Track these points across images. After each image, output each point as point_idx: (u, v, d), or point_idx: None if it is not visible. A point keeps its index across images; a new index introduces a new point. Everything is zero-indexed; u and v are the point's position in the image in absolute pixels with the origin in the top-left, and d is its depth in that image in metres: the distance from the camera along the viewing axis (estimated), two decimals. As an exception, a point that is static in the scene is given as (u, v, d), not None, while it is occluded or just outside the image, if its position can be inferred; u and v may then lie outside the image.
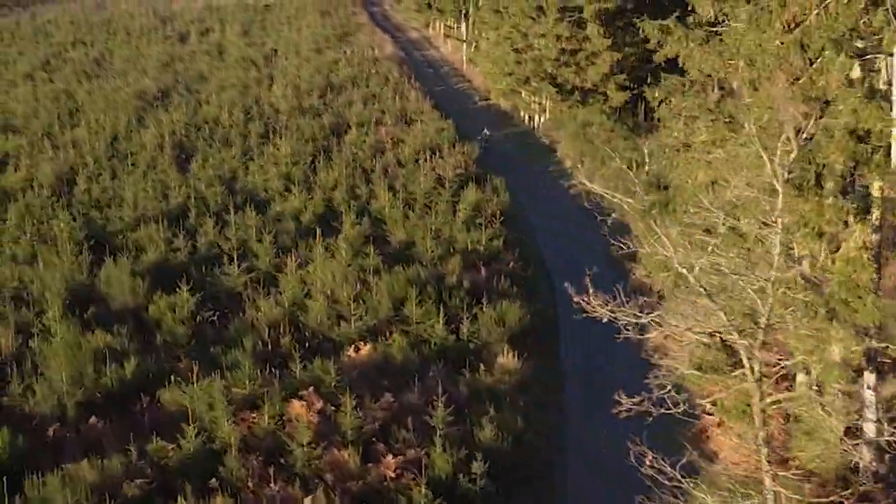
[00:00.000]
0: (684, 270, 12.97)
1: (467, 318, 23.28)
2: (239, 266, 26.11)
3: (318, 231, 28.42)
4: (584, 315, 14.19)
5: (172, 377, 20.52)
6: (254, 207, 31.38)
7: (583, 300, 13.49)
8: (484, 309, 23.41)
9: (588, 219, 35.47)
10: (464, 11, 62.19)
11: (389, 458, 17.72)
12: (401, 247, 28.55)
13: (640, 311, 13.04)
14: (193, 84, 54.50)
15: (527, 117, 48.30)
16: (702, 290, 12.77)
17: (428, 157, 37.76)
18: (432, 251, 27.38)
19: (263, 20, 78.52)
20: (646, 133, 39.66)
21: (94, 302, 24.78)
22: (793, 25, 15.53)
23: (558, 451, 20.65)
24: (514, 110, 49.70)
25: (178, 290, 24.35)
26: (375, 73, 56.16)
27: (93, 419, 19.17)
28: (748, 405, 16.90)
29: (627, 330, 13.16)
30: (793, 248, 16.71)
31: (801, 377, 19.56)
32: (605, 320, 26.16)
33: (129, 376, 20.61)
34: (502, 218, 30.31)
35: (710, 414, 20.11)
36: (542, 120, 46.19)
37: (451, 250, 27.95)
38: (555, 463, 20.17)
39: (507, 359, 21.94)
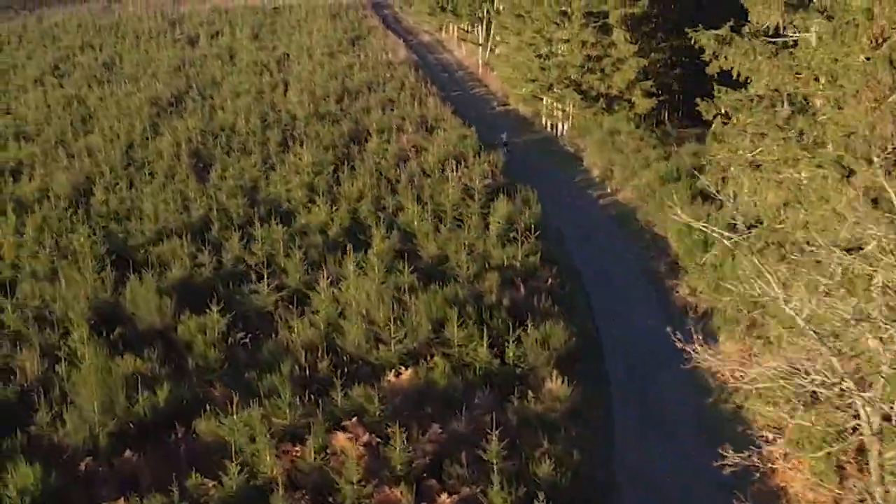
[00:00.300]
0: (793, 313, 12.00)
1: (511, 340, 22.29)
2: (268, 283, 25.13)
3: (349, 246, 27.47)
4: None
5: (207, 405, 19.57)
6: (278, 220, 30.43)
7: (691, 349, 12.50)
8: (528, 331, 22.39)
9: (619, 228, 34.60)
10: (480, 15, 61.26)
11: (444, 496, 16.75)
12: (433, 262, 27.57)
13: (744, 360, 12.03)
14: (207, 89, 53.54)
15: (549, 124, 47.32)
16: (813, 333, 11.81)
17: (454, 167, 36.80)
18: (467, 267, 26.39)
19: (273, 23, 77.56)
20: (675, 142, 38.71)
21: (119, 322, 23.83)
22: (880, 40, 14.54)
23: (613, 477, 19.78)
24: (535, 116, 48.70)
25: (207, 309, 23.39)
26: (391, 78, 55.18)
27: (127, 452, 18.20)
28: (824, 441, 15.98)
29: (734, 379, 12.15)
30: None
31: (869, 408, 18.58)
32: (648, 336, 25.20)
33: (163, 404, 19.65)
34: (537, 232, 29.24)
35: (772, 444, 19.14)
36: (565, 127, 45.19)
37: (487, 266, 26.99)
38: (611, 491, 19.27)
39: (555, 384, 20.96)
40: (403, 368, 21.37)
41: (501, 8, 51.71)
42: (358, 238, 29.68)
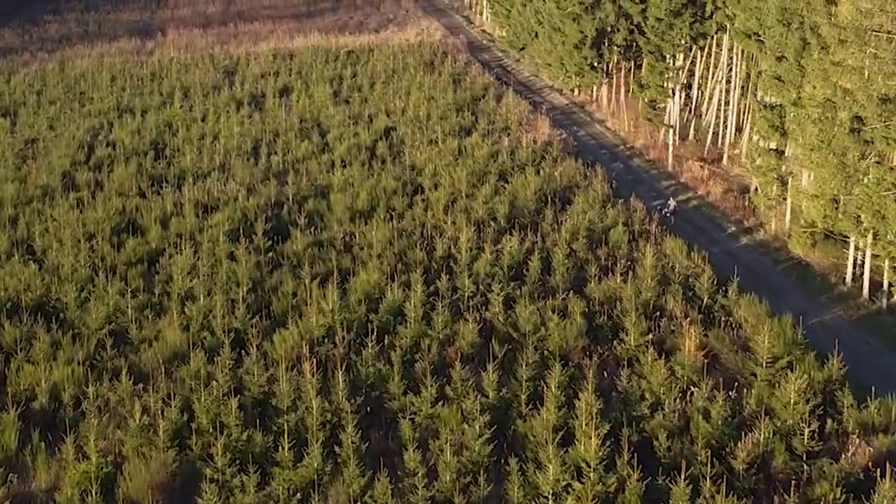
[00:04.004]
0: None
1: None
2: None
3: None
4: None
5: None
6: None
7: None
8: None
9: None
10: (675, 84, 45.08)
11: None
12: None
13: None
14: (310, 199, 37.51)
15: (862, 281, 30.72)
16: None
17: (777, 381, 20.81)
18: None
19: (355, 75, 61.39)
20: None
21: None
22: None
23: None
24: (833, 270, 32.18)
25: None
26: (565, 181, 39.18)
27: None
28: None
29: None
30: None
31: None
32: None
33: None
34: None
35: None
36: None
37: None
38: None
39: None
40: None
41: (784, 98, 34.67)
42: None
